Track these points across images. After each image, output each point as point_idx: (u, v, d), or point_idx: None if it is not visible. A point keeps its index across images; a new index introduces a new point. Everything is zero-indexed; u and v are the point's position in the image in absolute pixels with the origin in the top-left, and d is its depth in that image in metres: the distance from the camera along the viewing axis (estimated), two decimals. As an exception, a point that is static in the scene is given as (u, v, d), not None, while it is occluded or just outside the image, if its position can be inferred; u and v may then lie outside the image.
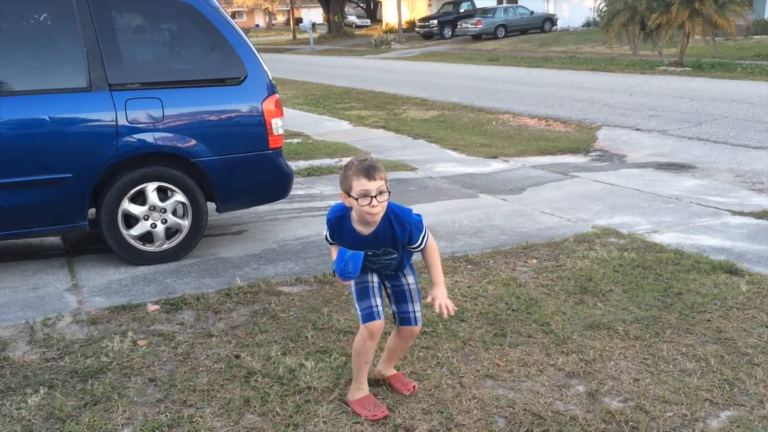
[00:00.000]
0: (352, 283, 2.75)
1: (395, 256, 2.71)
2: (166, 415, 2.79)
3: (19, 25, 4.29)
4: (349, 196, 2.53)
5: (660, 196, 6.20)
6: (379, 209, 2.53)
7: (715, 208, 5.76)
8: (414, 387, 2.94)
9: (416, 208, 6.38)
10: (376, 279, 2.77)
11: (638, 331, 3.45)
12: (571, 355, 3.22)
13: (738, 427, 2.65)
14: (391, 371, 3.01)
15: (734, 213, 5.58)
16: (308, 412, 2.79)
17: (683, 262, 4.37)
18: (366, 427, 2.69)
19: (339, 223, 2.69)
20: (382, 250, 2.67)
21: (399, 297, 2.82)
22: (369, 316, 2.71)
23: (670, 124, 10.05)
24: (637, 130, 9.88)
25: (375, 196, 2.49)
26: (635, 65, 18.77)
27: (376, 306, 2.71)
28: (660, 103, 11.92)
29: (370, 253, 2.67)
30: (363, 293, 2.74)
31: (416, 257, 2.84)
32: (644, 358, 3.19)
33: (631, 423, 2.68)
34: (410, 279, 2.84)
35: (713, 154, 8.19)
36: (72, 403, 2.89)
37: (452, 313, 2.69)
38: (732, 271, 4.21)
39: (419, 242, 2.69)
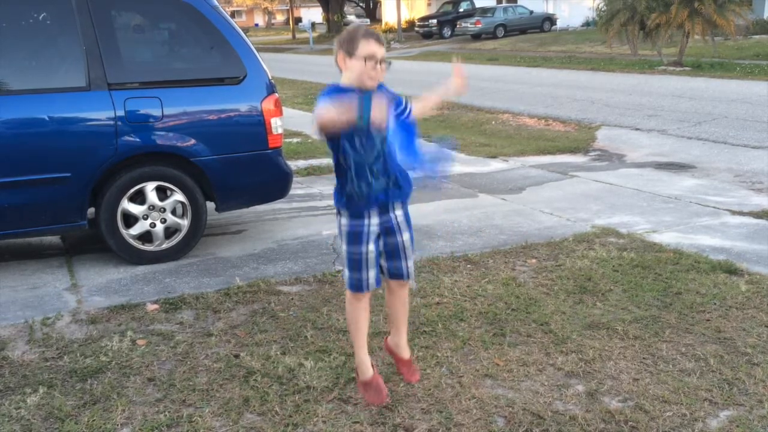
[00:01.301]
0: (344, 250, 2.71)
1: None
2: (165, 415, 2.79)
3: (18, 25, 4.28)
4: (352, 56, 2.51)
5: (659, 196, 6.20)
6: (381, 76, 2.54)
7: (714, 207, 5.76)
8: (416, 379, 2.98)
9: (415, 208, 6.37)
10: (372, 248, 2.72)
11: (638, 330, 3.45)
12: (571, 355, 3.22)
13: (737, 426, 2.65)
14: (405, 352, 3.01)
15: (733, 213, 5.58)
16: (307, 411, 2.79)
17: (682, 262, 4.37)
18: (366, 426, 2.69)
19: (336, 95, 2.53)
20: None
21: (393, 253, 2.79)
22: (357, 287, 2.74)
23: (669, 124, 10.05)
24: (637, 129, 9.89)
25: (379, 62, 2.51)
26: (634, 65, 18.77)
27: (368, 279, 2.72)
28: (659, 103, 11.93)
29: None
30: (355, 264, 2.72)
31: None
32: (644, 358, 3.19)
33: (630, 423, 2.68)
34: (406, 236, 2.80)
35: (712, 153, 8.19)
36: (71, 402, 2.89)
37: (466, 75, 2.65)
38: (731, 270, 4.21)
39: (404, 103, 2.66)
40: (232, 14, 70.11)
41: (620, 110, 11.47)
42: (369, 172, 2.61)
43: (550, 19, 34.56)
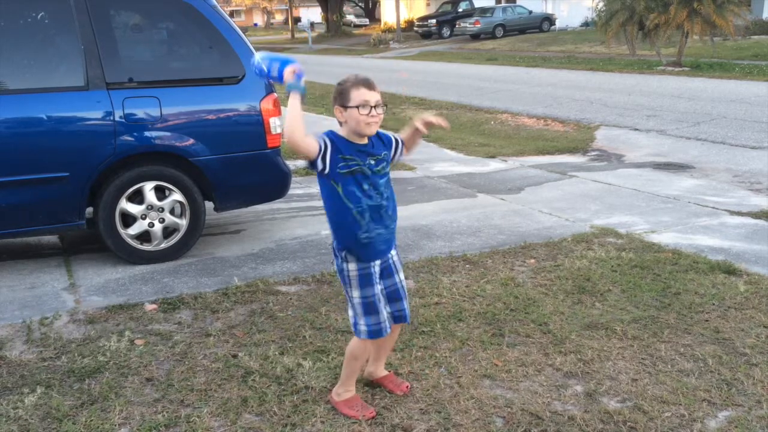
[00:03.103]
0: (357, 297, 2.64)
1: (388, 163, 2.66)
2: (164, 415, 2.78)
3: (17, 24, 4.27)
4: (346, 108, 2.50)
5: (658, 196, 6.20)
6: (377, 120, 2.52)
7: (713, 208, 5.76)
8: (407, 387, 2.93)
9: (415, 208, 6.32)
10: (381, 286, 2.69)
11: (636, 331, 3.45)
12: (569, 355, 3.22)
13: (736, 427, 2.65)
14: (382, 372, 2.99)
15: (732, 213, 5.59)
16: (306, 411, 2.79)
17: (681, 262, 4.37)
18: (364, 426, 2.69)
19: (334, 139, 2.55)
20: (383, 154, 2.61)
21: (394, 296, 2.76)
22: (377, 333, 2.66)
23: (668, 124, 10.06)
24: (636, 130, 9.89)
25: (374, 107, 2.49)
26: (633, 65, 18.79)
27: (384, 321, 2.67)
28: (658, 103, 11.93)
29: (373, 162, 2.57)
30: (371, 308, 2.65)
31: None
32: (642, 358, 3.19)
33: (629, 423, 2.68)
34: (401, 275, 2.80)
35: (711, 154, 8.20)
36: (69, 402, 2.89)
37: (444, 126, 2.64)
38: (730, 271, 4.21)
39: (395, 139, 2.69)
40: (231, 14, 70.11)
41: (619, 110, 11.48)
42: (385, 214, 2.61)
43: (549, 19, 34.56)
